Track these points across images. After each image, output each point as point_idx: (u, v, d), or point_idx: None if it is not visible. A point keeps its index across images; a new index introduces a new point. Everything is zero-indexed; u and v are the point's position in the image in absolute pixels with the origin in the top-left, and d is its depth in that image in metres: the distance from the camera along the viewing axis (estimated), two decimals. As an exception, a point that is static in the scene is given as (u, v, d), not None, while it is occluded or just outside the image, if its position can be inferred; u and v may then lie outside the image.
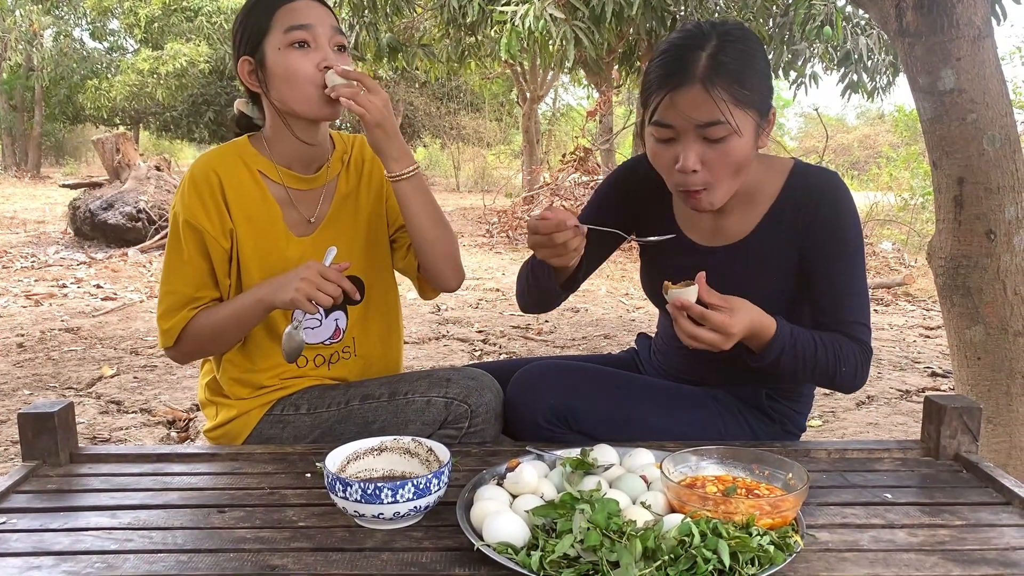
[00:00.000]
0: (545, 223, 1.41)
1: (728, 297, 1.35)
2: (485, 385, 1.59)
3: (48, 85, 23.12)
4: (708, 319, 1.31)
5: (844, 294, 1.51)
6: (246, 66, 1.61)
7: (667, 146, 1.44)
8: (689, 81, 1.37)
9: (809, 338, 1.44)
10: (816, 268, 1.53)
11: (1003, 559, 1.10)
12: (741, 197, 1.56)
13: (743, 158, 1.42)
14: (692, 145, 1.40)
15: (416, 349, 4.81)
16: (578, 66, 11.29)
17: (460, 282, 1.72)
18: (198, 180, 1.62)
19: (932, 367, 4.60)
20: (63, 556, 1.11)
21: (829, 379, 1.48)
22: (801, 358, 1.43)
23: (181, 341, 1.63)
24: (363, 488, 1.14)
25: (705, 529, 1.03)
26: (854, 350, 1.48)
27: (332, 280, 1.49)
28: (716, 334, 1.32)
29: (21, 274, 7.57)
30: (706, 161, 1.40)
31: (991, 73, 2.06)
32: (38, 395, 3.85)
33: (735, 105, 1.37)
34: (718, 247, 1.60)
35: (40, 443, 1.43)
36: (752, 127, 1.42)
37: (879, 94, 8.89)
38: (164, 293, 1.63)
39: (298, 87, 1.56)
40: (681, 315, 1.33)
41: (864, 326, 1.51)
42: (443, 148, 28.15)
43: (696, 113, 1.37)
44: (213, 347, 1.65)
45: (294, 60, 1.55)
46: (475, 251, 10.15)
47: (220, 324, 1.60)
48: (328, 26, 1.58)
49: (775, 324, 1.40)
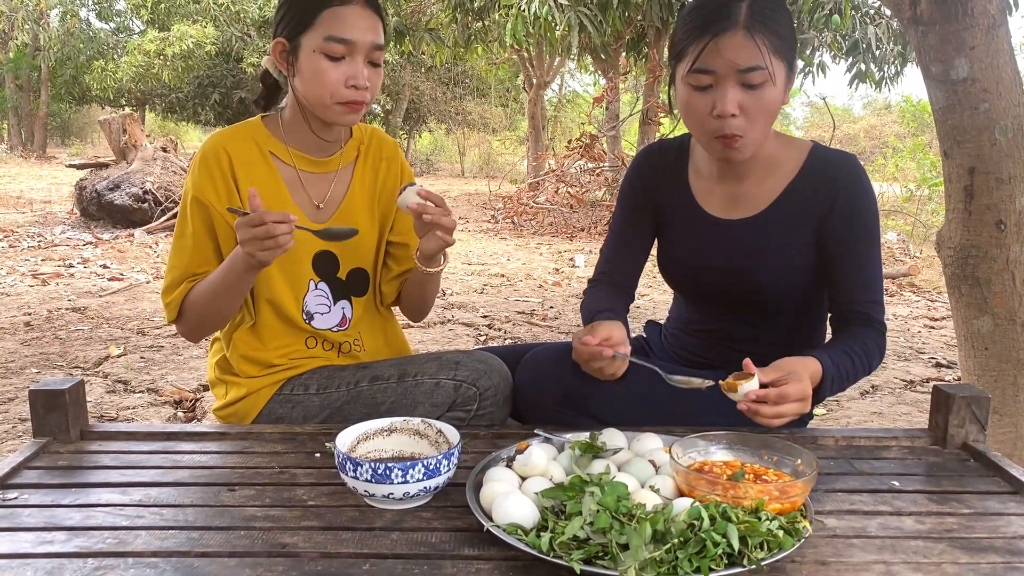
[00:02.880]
0: (579, 351, 1.45)
1: (777, 364, 1.36)
2: (494, 368, 1.60)
3: (54, 65, 23.12)
4: (788, 395, 1.31)
5: (862, 275, 1.55)
6: (279, 47, 1.60)
7: (704, 93, 1.47)
8: (733, 27, 1.42)
9: (844, 356, 1.47)
10: (835, 249, 1.56)
11: (1010, 547, 1.10)
12: (760, 170, 1.60)
13: (775, 107, 1.48)
14: (731, 90, 1.44)
15: (421, 333, 4.82)
16: (585, 52, 11.25)
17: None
18: (208, 157, 1.62)
19: (936, 358, 4.59)
20: (75, 531, 1.12)
21: (863, 376, 1.52)
22: (845, 377, 1.47)
23: (183, 314, 1.63)
24: (374, 468, 1.14)
25: (715, 513, 1.04)
26: (875, 338, 1.52)
27: (261, 232, 1.40)
28: (798, 403, 1.32)
29: (28, 253, 7.58)
30: (743, 107, 1.45)
31: (1005, 62, 2.05)
32: (45, 374, 3.86)
33: (773, 53, 1.43)
34: (736, 220, 1.62)
35: (51, 420, 1.44)
36: (783, 77, 1.48)
37: (887, 84, 8.86)
38: (169, 269, 1.65)
39: (321, 94, 1.56)
40: (760, 406, 1.32)
41: (878, 304, 1.56)
42: (448, 134, 28.11)
43: (739, 57, 1.42)
44: (212, 315, 1.62)
45: (324, 68, 1.54)
46: (480, 237, 10.15)
47: (212, 288, 1.58)
48: (368, 44, 1.56)
49: (819, 364, 1.41)
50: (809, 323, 1.69)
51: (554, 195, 11.62)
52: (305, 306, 1.69)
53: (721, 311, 1.70)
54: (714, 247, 1.64)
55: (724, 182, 1.64)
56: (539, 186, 12.13)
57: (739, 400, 1.32)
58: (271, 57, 1.64)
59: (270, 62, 1.67)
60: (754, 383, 1.31)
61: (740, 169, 1.61)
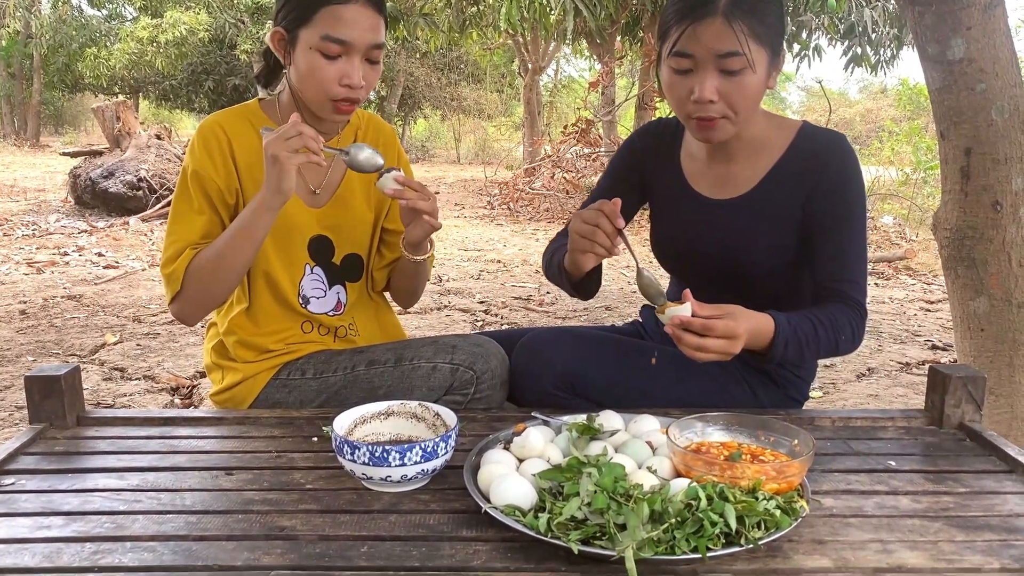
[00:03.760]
0: (584, 216, 1.44)
1: (720, 305, 1.36)
2: (491, 352, 1.60)
3: (47, 53, 22.95)
4: (713, 328, 1.31)
5: (844, 254, 1.54)
6: (278, 36, 1.59)
7: (684, 77, 1.48)
8: (712, 13, 1.42)
9: (806, 320, 1.46)
10: (818, 227, 1.55)
11: (1006, 525, 1.10)
12: (748, 150, 1.60)
13: (756, 93, 1.48)
14: (709, 76, 1.45)
15: (418, 319, 4.82)
16: (580, 37, 11.21)
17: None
18: (207, 135, 1.62)
19: (933, 340, 4.60)
20: (72, 516, 1.12)
21: (832, 350, 1.50)
22: (804, 343, 1.45)
23: (185, 286, 1.57)
24: (371, 451, 1.14)
25: (712, 493, 1.04)
26: (847, 314, 1.50)
27: (291, 132, 1.44)
28: (724, 340, 1.32)
29: (22, 242, 7.56)
30: (722, 92, 1.46)
31: (1001, 43, 2.04)
32: (41, 361, 3.86)
33: (752, 39, 1.43)
34: (724, 200, 1.63)
35: (47, 406, 1.44)
36: (765, 64, 1.48)
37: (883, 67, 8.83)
38: (168, 243, 1.60)
39: (313, 90, 1.56)
40: (684, 333, 1.33)
41: (859, 284, 1.54)
42: (444, 120, 28.02)
43: (716, 44, 1.42)
44: (217, 282, 1.57)
45: (319, 66, 1.53)
46: (476, 223, 10.13)
47: (221, 245, 1.55)
48: (366, 44, 1.54)
49: (772, 320, 1.41)
50: (799, 304, 1.69)
51: (550, 181, 11.60)
52: (301, 290, 1.69)
53: (713, 292, 1.70)
54: (704, 227, 1.64)
55: (713, 163, 1.64)
56: (535, 172, 12.11)
57: (667, 323, 1.34)
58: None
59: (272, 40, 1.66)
60: (685, 309, 1.33)
61: (729, 149, 1.61)
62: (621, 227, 1.43)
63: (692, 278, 1.73)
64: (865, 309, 1.54)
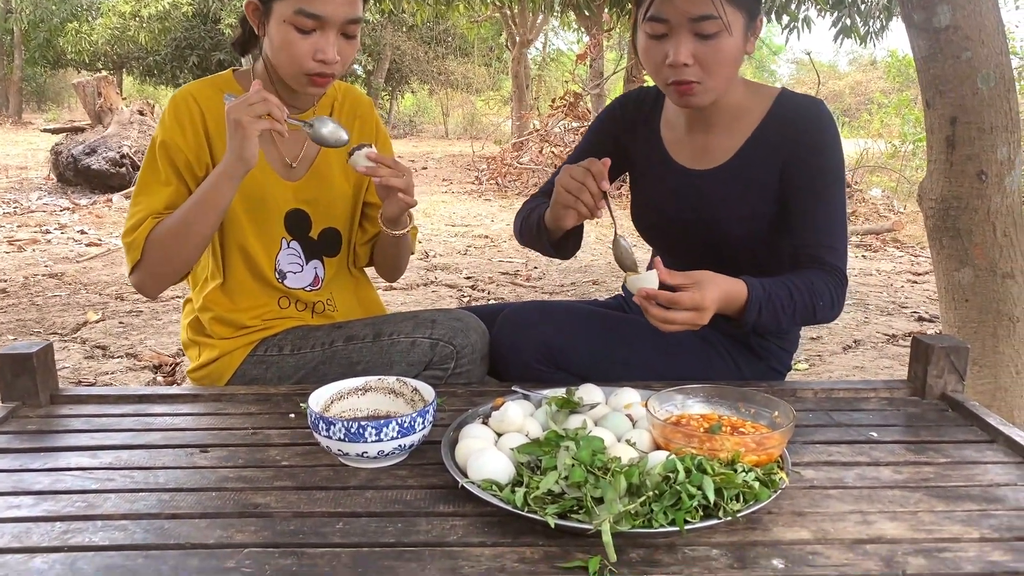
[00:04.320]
0: (571, 171, 1.43)
1: (690, 273, 1.34)
2: (471, 326, 1.58)
3: (27, 28, 22.59)
4: (678, 301, 1.30)
5: (821, 220, 1.52)
6: (252, 6, 1.55)
7: (659, 42, 1.47)
8: None
9: (781, 285, 1.44)
10: (795, 193, 1.54)
11: (986, 495, 1.10)
12: (727, 118, 1.58)
13: (732, 57, 1.47)
14: (684, 40, 1.44)
15: (404, 295, 4.79)
16: (567, 9, 11.10)
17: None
18: (179, 107, 1.59)
19: (919, 312, 4.62)
20: (43, 495, 1.10)
21: (810, 317, 1.48)
22: (779, 308, 1.43)
23: (145, 256, 1.54)
24: (347, 427, 1.13)
25: (690, 465, 1.03)
26: (826, 280, 1.48)
27: (254, 97, 1.42)
28: (690, 312, 1.31)
29: (3, 220, 7.47)
30: (697, 56, 1.44)
31: (988, 10, 2.02)
32: (22, 340, 3.82)
33: (727, 1, 1.42)
34: (704, 170, 1.61)
35: (19, 384, 1.41)
36: (741, 27, 1.46)
37: (872, 39, 8.78)
38: (132, 213, 1.57)
39: (286, 64, 1.53)
40: (650, 304, 1.32)
41: (837, 251, 1.52)
42: (431, 94, 27.83)
43: (690, 7, 1.41)
44: (178, 251, 1.53)
45: (293, 40, 1.49)
46: (464, 198, 10.09)
47: (183, 213, 1.51)
48: (341, 19, 1.50)
49: (745, 285, 1.39)
50: (780, 272, 1.68)
51: (538, 155, 11.54)
52: (278, 265, 1.66)
53: (692, 260, 1.68)
54: (682, 197, 1.62)
55: (692, 132, 1.62)
56: (523, 146, 12.05)
57: (635, 294, 1.33)
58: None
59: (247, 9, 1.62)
60: (651, 278, 1.31)
61: (707, 118, 1.59)
62: (606, 189, 1.41)
63: (672, 248, 1.72)
64: (845, 275, 1.52)
